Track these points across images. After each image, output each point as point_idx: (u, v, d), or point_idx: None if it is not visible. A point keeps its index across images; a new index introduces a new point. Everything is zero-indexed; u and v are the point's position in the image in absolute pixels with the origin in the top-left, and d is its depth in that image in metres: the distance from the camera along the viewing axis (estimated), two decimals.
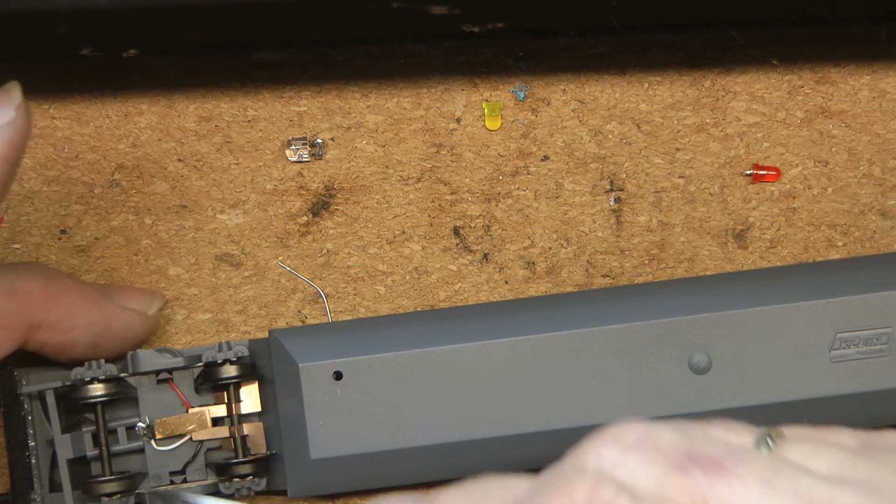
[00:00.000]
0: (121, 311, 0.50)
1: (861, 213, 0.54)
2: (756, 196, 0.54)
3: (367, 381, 0.48)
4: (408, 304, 0.54)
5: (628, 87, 0.54)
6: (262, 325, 0.53)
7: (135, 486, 0.50)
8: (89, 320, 0.49)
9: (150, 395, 0.51)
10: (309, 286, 0.54)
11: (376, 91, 0.53)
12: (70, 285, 0.48)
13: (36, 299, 0.47)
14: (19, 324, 0.47)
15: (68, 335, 0.48)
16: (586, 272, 0.54)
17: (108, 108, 0.53)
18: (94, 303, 0.49)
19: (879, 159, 0.54)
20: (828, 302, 0.49)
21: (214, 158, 0.53)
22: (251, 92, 0.53)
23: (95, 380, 0.49)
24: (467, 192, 0.54)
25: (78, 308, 0.48)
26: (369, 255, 0.54)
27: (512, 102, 0.54)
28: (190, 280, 0.53)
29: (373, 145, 0.53)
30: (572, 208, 0.54)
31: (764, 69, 0.54)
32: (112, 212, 0.53)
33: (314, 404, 0.48)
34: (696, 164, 0.54)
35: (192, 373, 0.51)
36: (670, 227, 0.54)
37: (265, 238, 0.53)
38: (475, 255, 0.54)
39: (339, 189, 0.53)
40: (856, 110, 0.54)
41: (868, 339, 0.49)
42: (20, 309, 0.47)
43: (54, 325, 0.48)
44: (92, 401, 0.49)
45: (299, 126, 0.53)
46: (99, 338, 0.49)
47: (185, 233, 0.53)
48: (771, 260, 0.54)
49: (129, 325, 0.50)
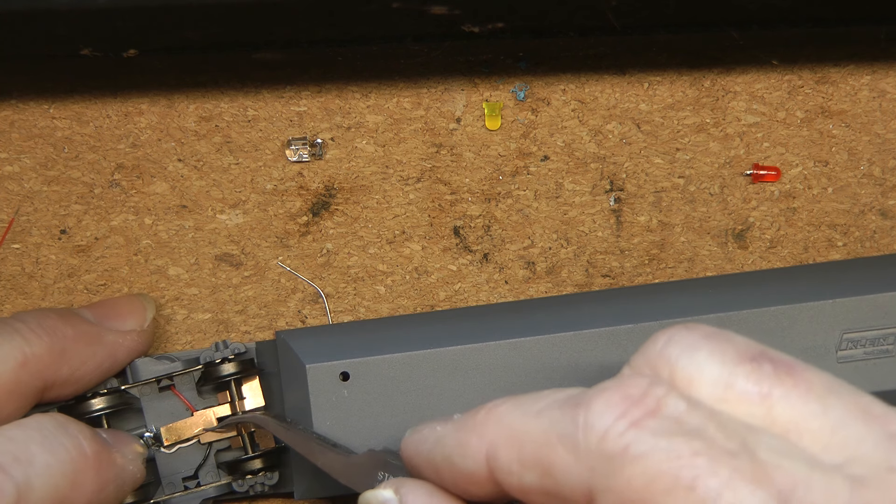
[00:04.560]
0: (122, 340, 0.49)
1: (861, 213, 0.54)
2: (756, 196, 0.54)
3: (374, 381, 0.48)
4: (408, 304, 0.54)
5: (628, 87, 0.54)
6: (262, 325, 0.53)
7: (149, 496, 0.50)
8: (96, 363, 0.48)
9: (154, 403, 0.51)
10: (309, 286, 0.54)
11: (376, 91, 0.53)
12: (70, 333, 0.47)
13: (46, 363, 0.46)
14: (33, 391, 0.46)
15: (78, 384, 0.48)
16: (586, 272, 0.54)
17: (108, 108, 0.53)
18: (97, 342, 0.48)
19: (879, 159, 0.55)
20: (834, 302, 0.49)
21: (214, 158, 0.53)
22: (251, 92, 0.53)
23: (97, 394, 0.49)
24: (467, 192, 0.54)
25: (84, 356, 0.48)
26: (369, 255, 0.54)
27: (512, 102, 0.54)
28: (190, 280, 0.53)
29: (373, 145, 0.53)
30: (572, 208, 0.54)
31: (764, 69, 0.54)
32: (112, 212, 0.53)
33: (321, 405, 0.48)
34: (696, 164, 0.54)
35: (193, 376, 0.51)
36: (670, 227, 0.54)
37: (265, 238, 0.53)
38: (475, 255, 0.54)
39: (339, 189, 0.53)
40: (856, 110, 0.54)
41: (875, 339, 0.49)
42: (32, 377, 0.46)
43: (66, 381, 0.47)
44: (95, 414, 0.49)
45: (299, 126, 0.53)
46: (106, 373, 0.49)
47: (185, 233, 0.53)
48: (771, 260, 0.54)
49: (132, 350, 0.50)
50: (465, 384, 0.49)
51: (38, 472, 0.42)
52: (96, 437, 0.45)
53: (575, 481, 0.33)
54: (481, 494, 0.37)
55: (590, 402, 0.33)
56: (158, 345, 0.53)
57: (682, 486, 0.30)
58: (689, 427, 0.32)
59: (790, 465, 0.31)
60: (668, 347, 0.35)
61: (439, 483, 0.38)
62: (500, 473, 0.35)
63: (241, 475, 0.50)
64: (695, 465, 0.31)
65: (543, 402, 0.35)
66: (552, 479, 0.34)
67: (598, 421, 0.33)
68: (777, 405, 0.33)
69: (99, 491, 0.44)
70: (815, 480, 0.30)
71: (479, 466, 0.36)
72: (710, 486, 0.30)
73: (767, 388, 0.33)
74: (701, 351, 0.34)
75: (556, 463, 0.33)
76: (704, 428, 0.32)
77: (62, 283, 0.53)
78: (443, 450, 0.37)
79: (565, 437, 0.33)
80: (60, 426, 0.44)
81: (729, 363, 0.34)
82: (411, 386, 0.49)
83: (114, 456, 0.46)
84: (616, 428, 0.32)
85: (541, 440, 0.34)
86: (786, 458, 0.31)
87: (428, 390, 0.49)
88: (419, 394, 0.49)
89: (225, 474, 0.51)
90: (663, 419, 0.32)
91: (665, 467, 0.31)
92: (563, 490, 0.33)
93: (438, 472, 0.38)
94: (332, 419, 0.48)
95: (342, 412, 0.48)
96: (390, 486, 0.39)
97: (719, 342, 0.34)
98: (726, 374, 0.33)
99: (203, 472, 0.51)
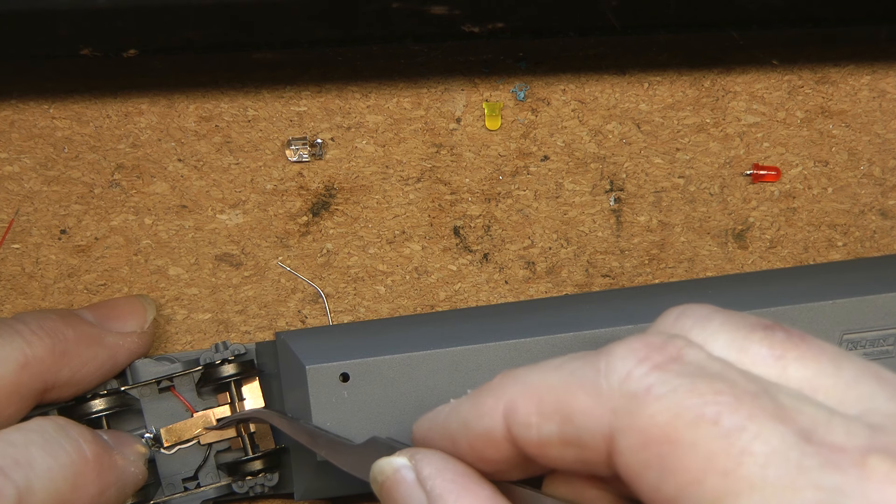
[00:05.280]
0: (123, 341, 0.49)
1: (861, 213, 0.54)
2: (756, 196, 0.54)
3: (374, 382, 0.48)
4: (408, 304, 0.54)
5: (628, 87, 0.54)
6: (262, 325, 0.53)
7: (149, 497, 0.50)
8: (97, 365, 0.48)
9: (154, 404, 0.51)
10: (309, 286, 0.54)
11: (376, 91, 0.53)
12: (71, 335, 0.47)
13: (46, 364, 0.46)
14: (33, 393, 0.46)
15: (79, 386, 0.48)
16: (586, 272, 0.54)
17: (108, 108, 0.53)
18: (98, 344, 0.48)
19: (879, 159, 0.55)
20: (834, 303, 0.49)
21: (214, 158, 0.53)
22: (251, 92, 0.53)
23: (97, 395, 0.49)
24: (467, 192, 0.54)
25: (85, 358, 0.48)
26: (369, 255, 0.54)
27: (512, 102, 0.54)
28: (190, 280, 0.53)
29: (373, 145, 0.53)
30: (572, 208, 0.54)
31: (764, 69, 0.54)
32: (112, 212, 0.53)
33: (321, 406, 0.48)
34: (696, 164, 0.54)
35: (193, 377, 0.51)
36: (670, 227, 0.54)
37: (265, 238, 0.53)
38: (475, 255, 0.54)
39: (339, 189, 0.53)
40: (856, 110, 0.54)
41: (875, 339, 0.49)
42: (33, 379, 0.46)
43: (66, 383, 0.47)
44: (95, 416, 0.49)
45: (299, 126, 0.53)
46: (106, 375, 0.49)
47: (185, 233, 0.53)
48: (771, 260, 0.54)
49: (132, 352, 0.50)
50: (465, 385, 0.49)
51: (39, 476, 0.42)
52: (97, 439, 0.45)
53: (595, 425, 0.33)
54: (497, 458, 0.37)
55: (611, 350, 0.34)
56: (158, 345, 0.53)
57: (707, 420, 0.31)
58: (711, 371, 0.32)
59: (810, 409, 0.32)
60: (681, 319, 0.36)
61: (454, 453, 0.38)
62: (517, 428, 0.35)
63: (241, 476, 0.50)
64: (718, 402, 0.31)
65: (559, 360, 0.35)
66: (572, 426, 0.34)
67: (620, 365, 0.33)
68: (791, 366, 0.33)
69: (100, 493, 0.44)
70: (835, 423, 0.31)
71: (495, 424, 0.36)
72: (733, 421, 0.31)
73: (781, 351, 0.34)
74: (714, 321, 0.35)
75: (576, 408, 0.34)
76: (726, 372, 0.33)
77: (62, 283, 0.53)
78: (458, 415, 0.37)
79: (586, 382, 0.34)
80: (61, 429, 0.44)
81: (742, 330, 0.34)
82: (411, 387, 0.49)
83: (115, 458, 0.46)
84: (639, 370, 0.33)
85: (560, 389, 0.34)
86: (805, 405, 0.32)
87: (428, 391, 0.49)
88: (419, 395, 0.49)
89: (225, 475, 0.51)
90: (685, 364, 0.33)
91: (689, 403, 0.31)
92: (583, 436, 0.34)
93: (453, 439, 0.38)
94: (332, 420, 0.48)
95: (342, 413, 0.48)
96: (404, 454, 0.39)
97: (730, 314, 0.35)
98: (740, 338, 0.34)
99: (203, 473, 0.51)
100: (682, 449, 0.31)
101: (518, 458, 0.36)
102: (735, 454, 0.30)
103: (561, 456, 0.35)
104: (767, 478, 0.30)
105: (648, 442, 0.32)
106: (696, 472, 0.31)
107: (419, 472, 0.38)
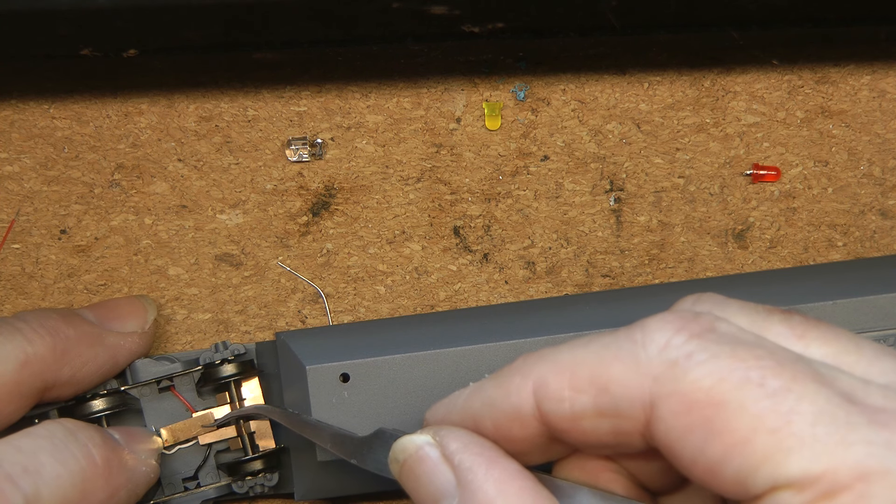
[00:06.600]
0: (123, 341, 0.49)
1: (861, 213, 0.54)
2: (756, 196, 0.54)
3: (374, 383, 0.48)
4: (408, 304, 0.54)
5: (628, 87, 0.54)
6: (262, 325, 0.53)
7: (149, 497, 0.50)
8: (97, 364, 0.48)
9: (154, 404, 0.51)
10: (309, 286, 0.54)
11: (376, 91, 0.53)
12: (72, 334, 0.47)
13: (47, 363, 0.46)
14: (33, 391, 0.46)
15: (79, 385, 0.48)
16: (586, 272, 0.54)
17: (108, 108, 0.53)
18: (99, 343, 0.48)
19: (879, 159, 0.55)
20: (834, 303, 0.49)
21: (214, 158, 0.53)
22: (251, 92, 0.53)
23: (97, 395, 0.49)
24: (467, 192, 0.54)
25: (86, 357, 0.48)
26: (369, 255, 0.54)
27: (512, 102, 0.54)
28: (190, 280, 0.53)
29: (373, 145, 0.53)
30: (572, 208, 0.54)
31: (764, 69, 0.54)
32: (112, 212, 0.53)
33: (321, 406, 0.48)
34: (696, 164, 0.54)
35: (193, 377, 0.51)
36: (670, 227, 0.54)
37: (265, 238, 0.53)
38: (475, 255, 0.54)
39: (339, 189, 0.53)
40: (856, 110, 0.54)
41: (875, 340, 0.49)
42: (34, 378, 0.46)
43: (66, 382, 0.47)
44: (95, 416, 0.49)
45: (299, 126, 0.53)
46: (107, 375, 0.49)
47: (185, 233, 0.53)
48: (771, 260, 0.54)
49: (132, 352, 0.50)
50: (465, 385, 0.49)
51: (47, 483, 0.41)
52: (107, 441, 0.45)
53: (635, 393, 0.34)
54: (523, 436, 0.37)
55: (645, 323, 0.34)
56: (158, 345, 0.53)
57: (753, 382, 0.32)
58: (747, 340, 0.33)
59: (845, 377, 0.33)
60: (699, 304, 0.36)
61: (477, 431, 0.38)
62: (549, 403, 0.35)
63: (240, 476, 0.50)
64: (762, 366, 0.32)
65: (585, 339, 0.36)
66: (608, 396, 0.34)
67: (658, 335, 0.34)
68: (812, 344, 0.34)
69: (110, 497, 0.44)
70: (871, 388, 0.32)
71: (524, 401, 0.36)
72: (779, 382, 0.32)
73: (802, 331, 0.35)
74: (731, 305, 0.36)
75: (613, 378, 0.34)
76: (761, 341, 0.33)
77: (62, 283, 0.53)
78: (482, 395, 0.37)
79: (622, 353, 0.34)
80: (70, 434, 0.43)
81: (761, 313, 0.35)
82: (412, 387, 0.49)
83: (126, 459, 0.45)
84: (678, 338, 0.33)
85: (594, 362, 0.35)
86: (839, 373, 0.33)
87: (429, 391, 0.49)
88: (420, 395, 0.49)
89: (225, 475, 0.51)
90: (721, 334, 0.33)
91: (733, 366, 0.32)
92: (621, 404, 0.34)
93: (476, 419, 0.38)
94: (332, 420, 0.48)
95: (342, 413, 0.48)
96: (427, 432, 0.38)
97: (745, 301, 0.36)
98: (760, 320, 0.35)
99: (203, 473, 0.51)
100: (729, 410, 0.32)
101: (543, 437, 0.36)
102: (784, 412, 0.31)
103: (594, 428, 0.35)
104: (818, 435, 0.31)
105: (693, 406, 0.32)
106: (744, 432, 0.31)
107: (445, 448, 0.37)
